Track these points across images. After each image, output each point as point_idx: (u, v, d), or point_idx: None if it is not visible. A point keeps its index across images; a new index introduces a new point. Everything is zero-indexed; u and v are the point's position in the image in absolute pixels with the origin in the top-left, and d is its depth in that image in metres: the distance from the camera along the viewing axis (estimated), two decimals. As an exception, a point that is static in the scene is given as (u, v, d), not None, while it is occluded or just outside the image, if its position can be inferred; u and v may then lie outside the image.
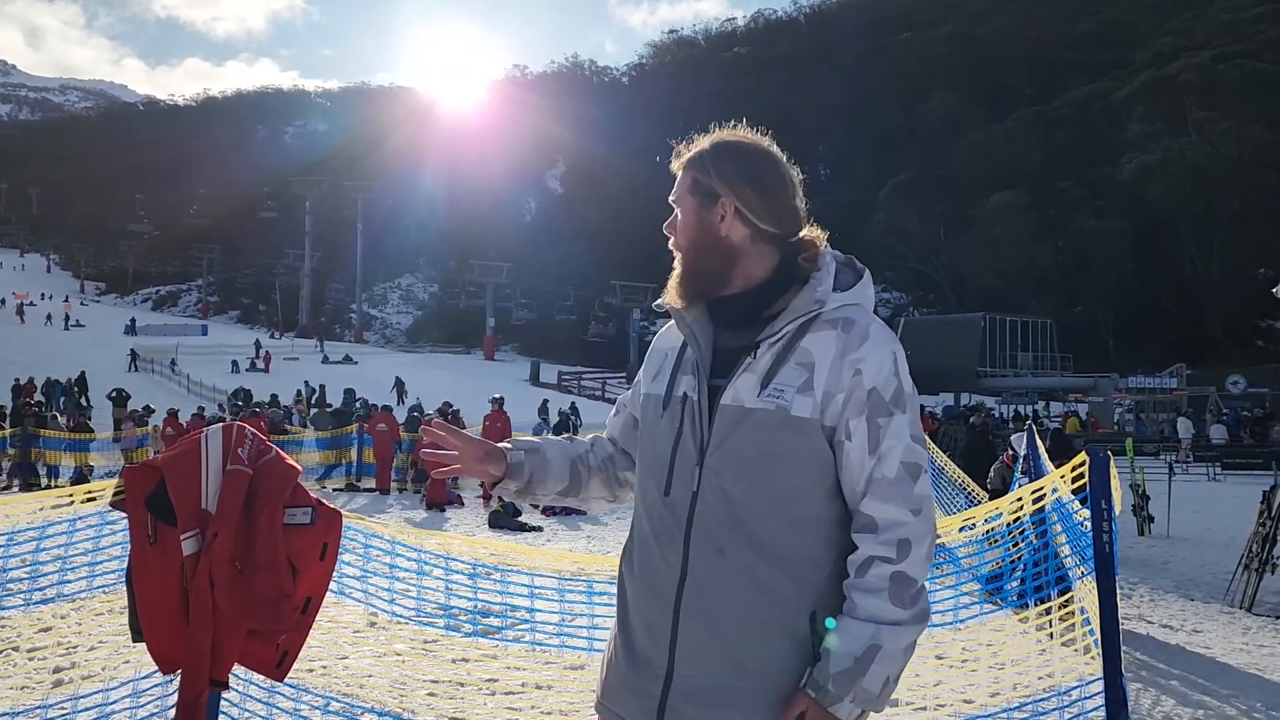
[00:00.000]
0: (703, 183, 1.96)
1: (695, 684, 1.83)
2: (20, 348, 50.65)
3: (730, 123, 2.05)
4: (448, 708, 4.13)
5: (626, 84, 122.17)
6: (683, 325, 1.98)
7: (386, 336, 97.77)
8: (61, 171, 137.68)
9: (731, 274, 1.95)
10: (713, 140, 2.00)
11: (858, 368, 1.83)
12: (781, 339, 1.86)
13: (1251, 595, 8.77)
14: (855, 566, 1.82)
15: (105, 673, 4.04)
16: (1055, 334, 60.20)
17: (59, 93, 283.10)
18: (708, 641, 1.83)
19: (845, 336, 1.85)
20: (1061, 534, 4.11)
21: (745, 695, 1.81)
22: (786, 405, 1.82)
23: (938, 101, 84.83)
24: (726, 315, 1.96)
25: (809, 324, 1.87)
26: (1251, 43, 68.99)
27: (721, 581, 1.83)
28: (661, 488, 1.91)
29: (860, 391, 1.83)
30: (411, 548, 3.53)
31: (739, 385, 1.86)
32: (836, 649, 1.77)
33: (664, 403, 1.96)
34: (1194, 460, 29.00)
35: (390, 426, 19.97)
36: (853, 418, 1.83)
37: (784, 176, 1.96)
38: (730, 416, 1.86)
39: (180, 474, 2.77)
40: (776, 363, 1.85)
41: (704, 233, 1.96)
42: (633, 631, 1.93)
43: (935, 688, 5.10)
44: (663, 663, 1.86)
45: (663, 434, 1.95)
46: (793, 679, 1.81)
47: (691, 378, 1.93)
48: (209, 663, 2.73)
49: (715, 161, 1.96)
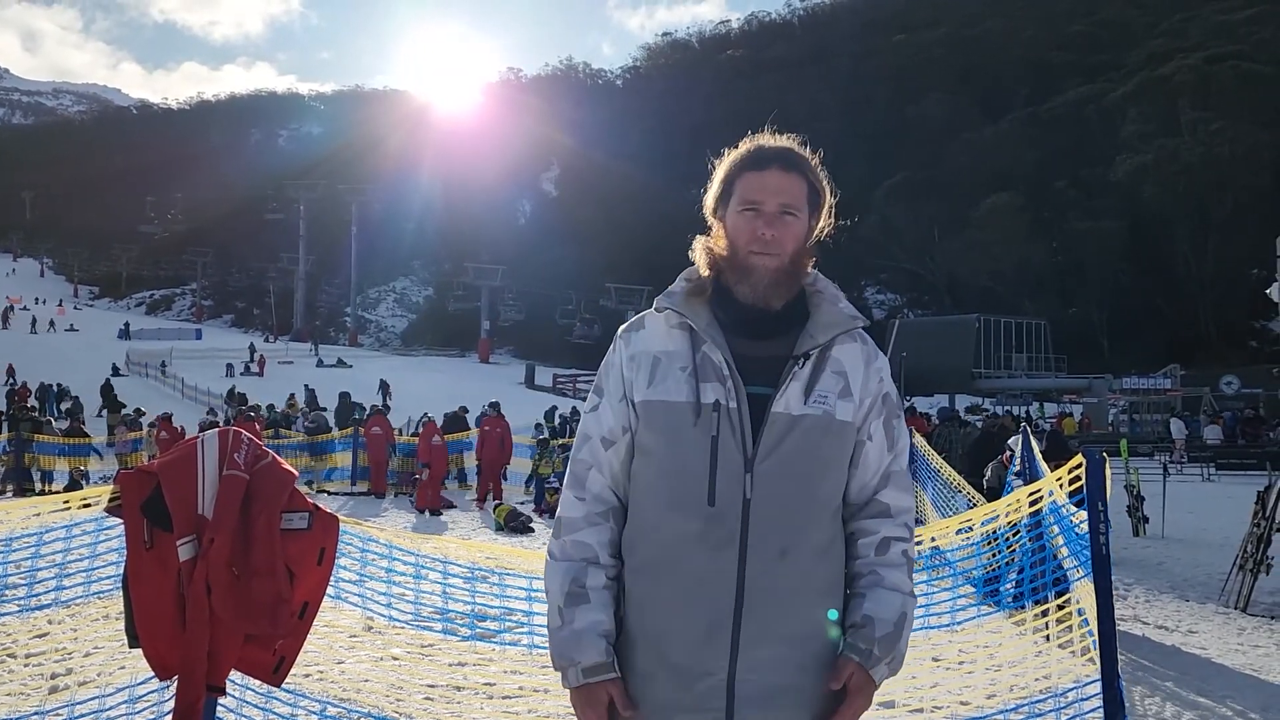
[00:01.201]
0: (816, 190, 2.04)
1: (759, 688, 1.87)
2: (6, 353, 50.44)
3: (769, 125, 2.11)
4: (445, 712, 4.12)
5: (621, 86, 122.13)
6: (699, 329, 1.96)
7: (381, 340, 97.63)
8: (55, 175, 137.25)
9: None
10: (794, 145, 2.06)
11: (881, 375, 2.03)
12: (818, 348, 1.96)
13: (1246, 596, 8.79)
14: (874, 546, 2.00)
15: (101, 679, 4.03)
16: (1050, 335, 60.26)
17: (52, 96, 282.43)
18: (772, 644, 1.87)
19: (866, 348, 2.03)
20: (1058, 536, 4.12)
21: (809, 690, 1.90)
22: (831, 411, 1.94)
23: (932, 103, 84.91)
24: (754, 322, 1.97)
25: (838, 336, 1.99)
26: (1245, 43, 69.17)
27: (784, 583, 1.89)
28: (704, 497, 1.89)
29: (880, 397, 2.02)
30: (408, 551, 3.52)
31: (789, 394, 1.92)
32: (879, 616, 1.94)
33: (696, 411, 1.91)
34: (1188, 461, 29.05)
35: (385, 430, 19.96)
36: (874, 420, 2.01)
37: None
38: (781, 424, 1.91)
39: (177, 479, 2.76)
40: (815, 372, 1.95)
41: (805, 240, 2.04)
42: (672, 646, 1.89)
43: (932, 690, 5.11)
44: (723, 673, 1.86)
45: (692, 443, 1.91)
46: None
47: (719, 385, 1.92)
48: (205, 668, 2.72)
49: (818, 171, 2.06)
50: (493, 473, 18.44)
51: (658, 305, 2.04)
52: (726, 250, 2.01)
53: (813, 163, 2.05)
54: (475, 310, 79.95)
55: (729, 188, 2.04)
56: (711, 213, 2.07)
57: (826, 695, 1.91)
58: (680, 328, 1.98)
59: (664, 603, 1.91)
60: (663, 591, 1.91)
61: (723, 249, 2.02)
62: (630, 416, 2.00)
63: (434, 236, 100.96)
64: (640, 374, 1.99)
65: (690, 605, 1.88)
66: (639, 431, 1.98)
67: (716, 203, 2.06)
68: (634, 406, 1.99)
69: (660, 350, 1.99)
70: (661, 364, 1.97)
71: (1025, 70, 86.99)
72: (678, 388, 1.94)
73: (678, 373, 1.95)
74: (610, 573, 1.98)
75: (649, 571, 1.94)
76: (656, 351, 1.99)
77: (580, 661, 1.90)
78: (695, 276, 2.06)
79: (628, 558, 1.99)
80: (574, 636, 1.92)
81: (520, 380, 59.98)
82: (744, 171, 2.02)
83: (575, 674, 1.91)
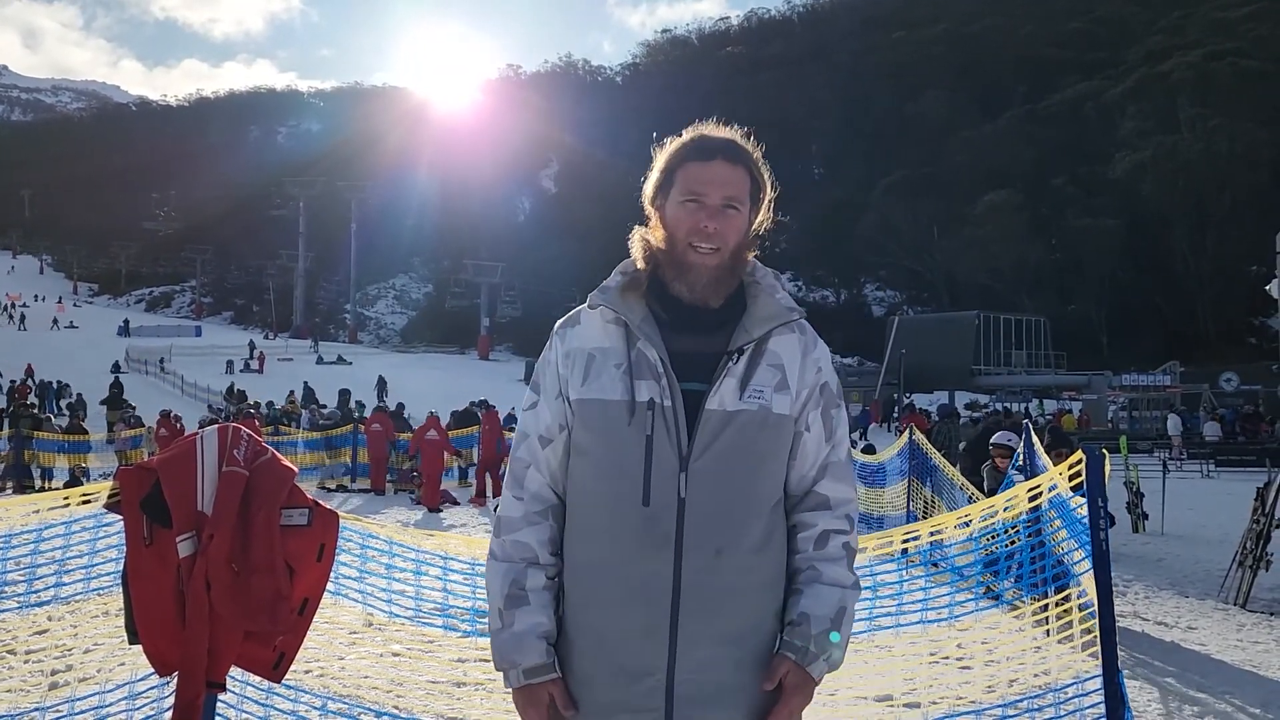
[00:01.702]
0: (758, 184, 1.99)
1: (698, 687, 1.84)
2: (6, 349, 50.41)
3: (714, 119, 2.03)
4: (445, 708, 4.12)
5: (620, 83, 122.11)
6: (633, 326, 1.92)
7: (381, 337, 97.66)
8: (54, 173, 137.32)
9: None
10: (737, 138, 2.00)
11: (819, 366, 1.99)
12: (753, 342, 1.92)
13: (1246, 592, 8.79)
14: (813, 540, 1.96)
15: (101, 675, 4.03)
16: (1049, 332, 60.33)
17: (51, 93, 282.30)
18: (710, 643, 1.85)
19: (804, 338, 1.99)
20: (1060, 530, 4.12)
21: (750, 688, 1.88)
22: (768, 404, 1.91)
23: (931, 100, 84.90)
24: (691, 318, 1.93)
25: (775, 328, 1.95)
26: (1243, 40, 69.16)
27: (721, 581, 1.86)
28: (638, 498, 1.86)
29: (818, 388, 1.98)
30: (409, 548, 3.52)
31: (723, 390, 1.89)
32: (815, 613, 1.90)
33: (630, 410, 1.88)
34: (1187, 458, 29.07)
35: (385, 427, 19.96)
36: (811, 411, 1.97)
37: None
38: (715, 421, 1.88)
39: (176, 476, 2.76)
40: (751, 365, 1.91)
41: (746, 234, 1.99)
42: (613, 648, 1.87)
43: (930, 688, 5.11)
44: (661, 673, 1.85)
45: (627, 442, 1.88)
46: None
47: (654, 382, 1.88)
48: (206, 664, 2.72)
49: (760, 165, 2.00)
50: (487, 469, 18.47)
51: (591, 301, 1.99)
52: (664, 242, 1.96)
53: (755, 156, 1.99)
54: (474, 307, 79.96)
55: (670, 177, 1.97)
56: (650, 202, 2.01)
57: (767, 693, 1.89)
58: (615, 324, 1.94)
59: (602, 604, 1.89)
60: (600, 592, 1.89)
61: (660, 240, 1.97)
62: (567, 414, 1.96)
63: (433, 233, 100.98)
64: (575, 371, 1.95)
65: (628, 606, 1.86)
66: (575, 430, 1.95)
67: (656, 192, 2.00)
68: (570, 404, 1.95)
69: (595, 347, 1.95)
70: (596, 361, 1.93)
71: (1024, 67, 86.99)
72: (612, 386, 1.90)
73: (612, 370, 1.91)
74: (550, 572, 1.96)
75: (587, 572, 1.92)
76: (591, 348, 1.95)
77: (521, 663, 1.90)
78: (631, 270, 2.01)
79: (566, 558, 1.97)
80: (514, 639, 1.91)
81: (519, 377, 59.87)
82: (687, 161, 1.95)
83: (516, 675, 1.91)
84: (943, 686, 5.13)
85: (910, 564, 5.27)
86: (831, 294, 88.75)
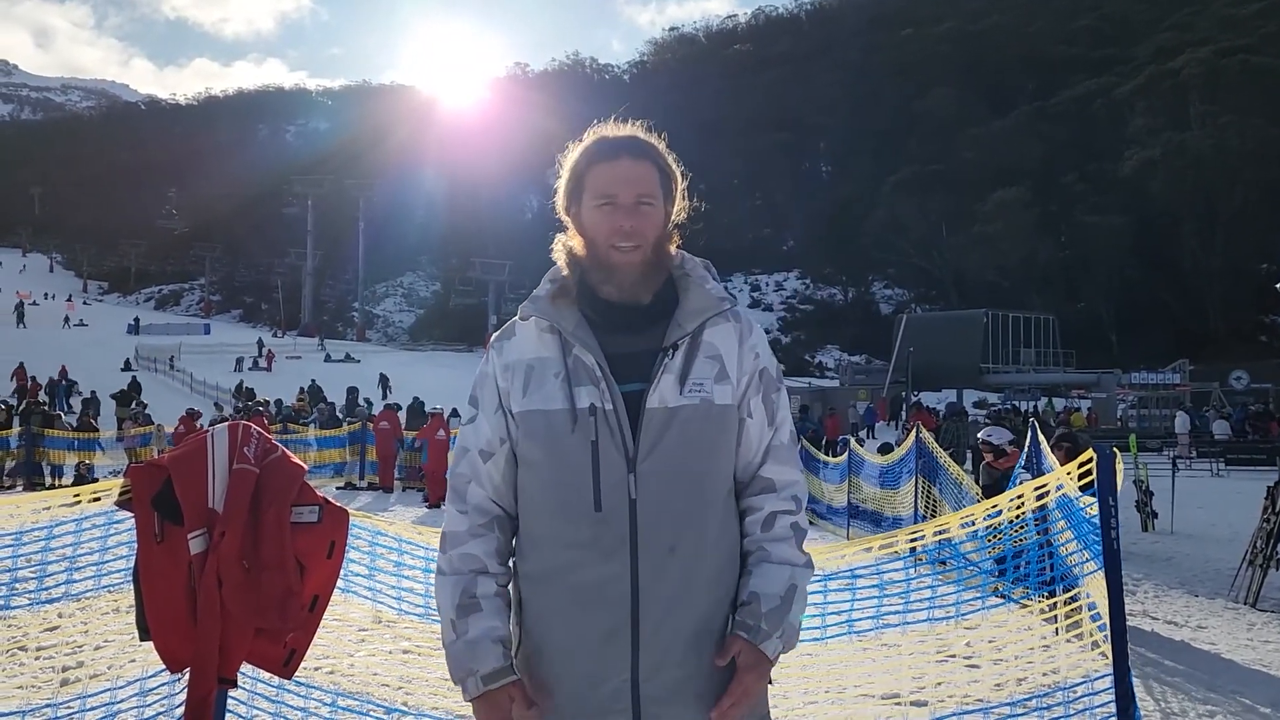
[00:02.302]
0: (667, 175, 1.99)
1: (663, 687, 1.85)
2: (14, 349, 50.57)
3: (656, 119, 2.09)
4: (455, 704, 4.14)
5: (628, 81, 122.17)
6: (567, 333, 1.91)
7: (389, 335, 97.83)
8: (63, 171, 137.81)
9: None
10: (638, 133, 2.00)
11: (756, 352, 1.99)
12: (688, 336, 1.92)
13: (1256, 591, 8.77)
14: (760, 523, 1.97)
15: (112, 672, 4.06)
16: (1058, 330, 60.16)
17: (60, 92, 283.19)
18: (670, 640, 1.85)
19: (739, 326, 1.99)
20: (1067, 529, 4.12)
21: (715, 681, 1.87)
22: (710, 397, 1.91)
23: (939, 98, 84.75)
24: (624, 318, 1.93)
25: (708, 319, 1.95)
26: (1253, 37, 68.90)
27: (677, 578, 1.86)
28: (589, 504, 1.85)
29: (757, 373, 1.98)
30: (419, 544, 3.53)
31: (662, 387, 1.88)
32: (764, 591, 1.90)
33: (573, 418, 1.87)
34: (1196, 456, 28.98)
35: (393, 424, 20.00)
36: (753, 397, 1.98)
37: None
38: (658, 419, 1.88)
39: (187, 473, 2.77)
40: (688, 360, 1.91)
41: (664, 227, 1.99)
42: (575, 655, 1.87)
43: (937, 686, 5.10)
44: (625, 674, 1.84)
45: (573, 450, 1.87)
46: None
47: (593, 388, 1.87)
48: (217, 661, 2.74)
49: (666, 156, 2.00)
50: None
51: (523, 312, 1.98)
52: (585, 249, 1.97)
53: (660, 147, 1.99)
54: (482, 305, 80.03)
55: (579, 183, 1.98)
56: (564, 210, 2.02)
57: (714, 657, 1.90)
58: (549, 332, 1.94)
59: (561, 612, 1.88)
60: (559, 601, 1.89)
61: (581, 247, 1.98)
62: (507, 426, 1.95)
63: (441, 231, 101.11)
64: (515, 384, 1.94)
65: (587, 613, 1.86)
66: (519, 443, 1.94)
67: (569, 199, 2.01)
68: (512, 417, 1.94)
69: (533, 357, 1.94)
70: (535, 371, 1.93)
71: (1032, 65, 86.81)
72: (552, 395, 1.90)
73: (551, 379, 1.91)
74: (501, 580, 1.95)
75: (544, 582, 1.91)
76: (529, 359, 1.94)
77: (478, 669, 1.87)
78: (559, 277, 2.00)
79: (521, 568, 1.96)
80: (469, 646, 1.88)
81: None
82: (593, 165, 1.96)
83: (475, 683, 1.87)
84: (950, 685, 5.13)
85: (918, 562, 5.27)
86: (839, 292, 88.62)
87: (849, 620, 3.91)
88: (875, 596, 4.00)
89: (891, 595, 4.02)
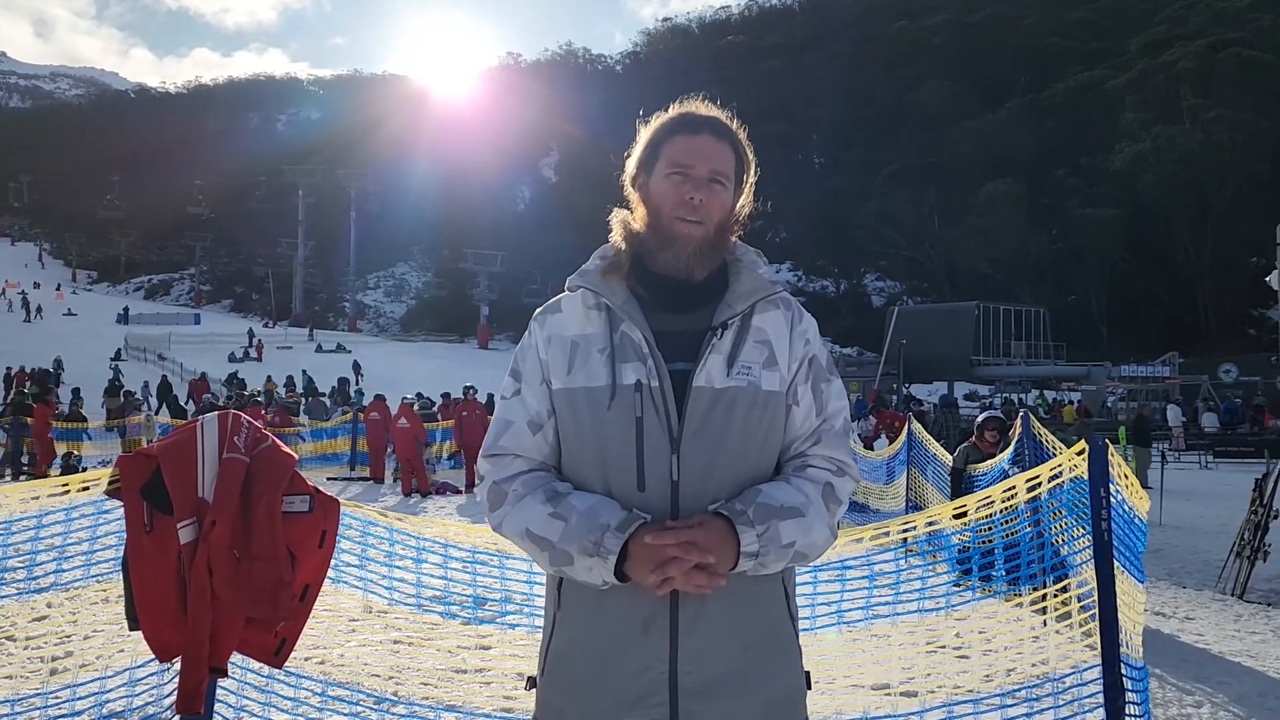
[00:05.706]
0: (743, 163, 1.98)
1: (702, 679, 1.78)
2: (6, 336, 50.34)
3: (696, 95, 2.02)
4: (445, 694, 4.14)
5: (620, 72, 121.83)
6: (615, 308, 1.88)
7: (380, 325, 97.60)
8: (52, 160, 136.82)
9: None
10: (726, 116, 1.97)
11: (806, 339, 1.95)
12: (738, 318, 1.89)
13: (1243, 583, 8.82)
14: (797, 466, 1.91)
15: (101, 662, 4.04)
16: (1049, 323, 60.32)
17: (50, 80, 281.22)
18: (712, 631, 1.79)
19: (789, 313, 1.95)
20: (1059, 521, 4.13)
21: (753, 674, 1.82)
22: (757, 382, 1.86)
23: (932, 90, 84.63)
24: (674, 294, 1.90)
25: (758, 303, 1.92)
26: (1245, 31, 68.94)
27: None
28: (633, 484, 1.80)
29: (807, 360, 1.94)
30: (410, 535, 3.53)
31: (709, 367, 1.84)
32: (770, 492, 1.82)
33: (611, 393, 1.83)
34: (1185, 448, 29.11)
35: (383, 415, 19.95)
36: (800, 384, 1.93)
37: None
38: (704, 399, 1.83)
39: (176, 462, 2.76)
40: (737, 342, 1.88)
41: (730, 212, 1.97)
42: (615, 644, 1.80)
43: (927, 676, 5.12)
44: (663, 666, 1.78)
45: (615, 427, 1.82)
46: (789, 648, 1.89)
47: (640, 364, 1.83)
48: (208, 650, 2.73)
49: (746, 145, 1.98)
50: (474, 455, 18.50)
51: (570, 284, 1.94)
52: (648, 219, 1.92)
53: (741, 136, 1.97)
54: (475, 296, 79.89)
55: (655, 152, 1.94)
56: (632, 181, 1.98)
57: (772, 679, 1.84)
58: (597, 307, 1.90)
59: (600, 598, 1.81)
60: (598, 587, 1.80)
61: (641, 220, 1.94)
62: (552, 400, 1.90)
63: (433, 222, 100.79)
64: (558, 359, 1.90)
65: (625, 599, 1.79)
66: (561, 419, 1.89)
67: (639, 169, 1.96)
68: (554, 392, 1.90)
69: (577, 334, 1.90)
70: (580, 348, 1.89)
71: (1025, 57, 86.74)
72: (596, 372, 1.85)
73: (596, 356, 1.86)
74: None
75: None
76: (574, 335, 1.90)
77: (610, 523, 1.75)
78: (611, 253, 1.97)
79: None
80: (584, 516, 1.77)
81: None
82: (674, 135, 1.92)
83: (612, 539, 1.73)
84: (940, 675, 5.14)
85: (909, 553, 5.28)
86: (831, 284, 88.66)
87: (839, 611, 3.93)
88: (865, 588, 4.01)
89: (882, 586, 4.03)
